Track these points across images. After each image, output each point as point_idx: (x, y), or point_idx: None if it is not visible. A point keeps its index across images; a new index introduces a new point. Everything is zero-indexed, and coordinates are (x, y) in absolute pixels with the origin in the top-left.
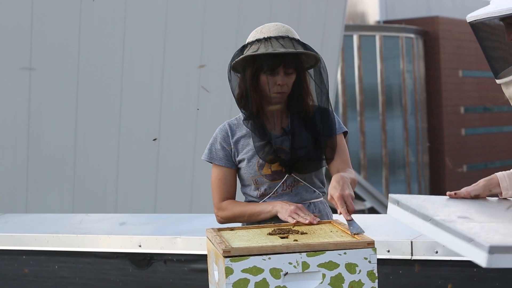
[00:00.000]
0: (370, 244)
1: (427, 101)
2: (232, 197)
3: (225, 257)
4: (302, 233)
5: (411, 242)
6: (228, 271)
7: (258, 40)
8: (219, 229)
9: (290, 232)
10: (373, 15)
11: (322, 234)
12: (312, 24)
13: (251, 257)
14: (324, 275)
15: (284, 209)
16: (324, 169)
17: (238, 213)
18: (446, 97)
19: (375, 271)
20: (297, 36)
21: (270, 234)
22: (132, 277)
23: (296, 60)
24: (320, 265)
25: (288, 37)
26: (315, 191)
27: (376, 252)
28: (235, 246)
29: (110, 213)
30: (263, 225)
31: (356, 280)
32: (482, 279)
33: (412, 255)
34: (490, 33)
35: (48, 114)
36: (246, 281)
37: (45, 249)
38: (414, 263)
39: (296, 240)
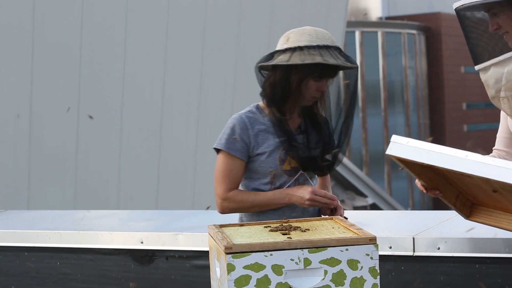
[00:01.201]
0: (372, 240)
1: (429, 97)
2: (237, 187)
3: (227, 253)
4: (304, 230)
5: (413, 238)
6: (230, 268)
7: (319, 47)
8: (221, 226)
9: (292, 228)
10: (375, 11)
11: (324, 231)
12: (314, 19)
13: (253, 254)
14: (326, 272)
15: (300, 199)
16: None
17: (250, 202)
18: (448, 93)
19: (377, 267)
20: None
21: (271, 230)
22: (134, 274)
23: (337, 69)
24: (322, 262)
25: (339, 48)
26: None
27: (378, 248)
28: (237, 243)
29: (111, 209)
30: (265, 221)
31: (358, 277)
32: (484, 275)
33: (414, 251)
34: (474, 22)
35: (50, 111)
36: (248, 277)
37: (47, 245)
38: (416, 260)
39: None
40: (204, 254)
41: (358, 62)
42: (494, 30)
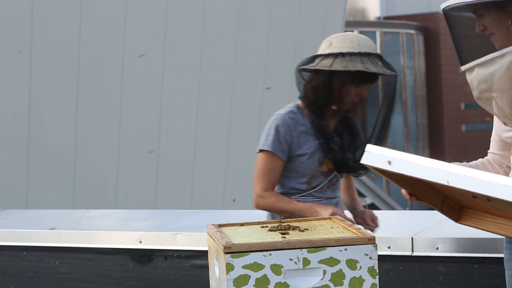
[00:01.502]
0: (371, 240)
1: (427, 97)
2: (274, 187)
3: (226, 253)
4: (303, 230)
5: (412, 238)
6: (229, 267)
7: (360, 54)
8: (220, 225)
9: (291, 228)
10: (374, 11)
11: (322, 230)
12: (313, 20)
13: (252, 253)
14: (325, 271)
15: (324, 210)
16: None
17: (280, 207)
18: (446, 93)
19: (376, 267)
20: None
21: (270, 230)
22: (133, 273)
23: (377, 77)
24: (320, 261)
25: (379, 55)
26: (339, 189)
27: (377, 248)
28: (236, 242)
29: (110, 209)
30: (263, 221)
31: (357, 276)
32: (482, 275)
33: (412, 251)
34: (461, 23)
35: (49, 111)
36: (247, 277)
37: (45, 245)
38: (414, 260)
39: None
40: (203, 254)
41: None
42: (480, 31)
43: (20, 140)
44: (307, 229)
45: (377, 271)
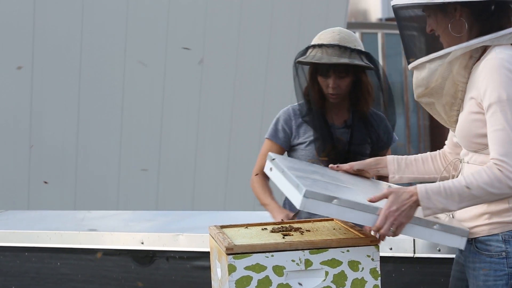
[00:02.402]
0: (373, 242)
1: None
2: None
3: (228, 254)
4: (305, 231)
5: (414, 240)
6: (231, 268)
7: (313, 46)
8: (222, 226)
9: (293, 229)
10: (375, 13)
11: (325, 232)
12: (314, 21)
13: (254, 255)
14: (327, 273)
15: (277, 213)
16: None
17: (257, 195)
18: None
19: (378, 268)
20: (352, 44)
21: (273, 231)
22: (135, 274)
23: (348, 66)
24: (323, 263)
25: (338, 45)
26: None
27: (379, 249)
28: (238, 244)
29: (111, 210)
30: (266, 222)
31: (359, 278)
32: None
33: (414, 252)
34: (411, 21)
35: (51, 112)
36: (249, 278)
37: (47, 246)
38: (416, 261)
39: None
40: (205, 255)
41: None
42: (429, 31)
43: (22, 141)
44: (309, 231)
45: (379, 272)
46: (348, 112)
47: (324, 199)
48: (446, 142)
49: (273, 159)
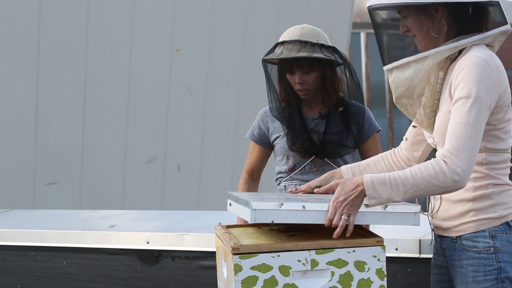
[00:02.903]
0: (379, 242)
1: None
2: (255, 170)
3: (234, 254)
4: (311, 231)
5: (419, 240)
6: (237, 268)
7: (276, 44)
8: (228, 226)
9: (299, 229)
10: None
11: (331, 232)
12: (320, 22)
13: (260, 255)
14: (333, 273)
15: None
16: (352, 155)
17: None
18: None
19: (384, 269)
20: (314, 38)
21: (279, 231)
22: (140, 274)
23: (310, 61)
24: (329, 263)
25: (298, 41)
26: None
27: (385, 250)
28: (244, 243)
29: (117, 209)
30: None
31: (365, 278)
32: None
33: (420, 253)
34: (386, 23)
35: (56, 112)
36: (255, 278)
37: (53, 245)
38: (422, 262)
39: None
40: (211, 255)
41: (363, 63)
42: (403, 32)
43: (27, 140)
44: (316, 231)
45: (385, 272)
46: (324, 104)
47: (272, 207)
48: (405, 138)
49: (229, 196)
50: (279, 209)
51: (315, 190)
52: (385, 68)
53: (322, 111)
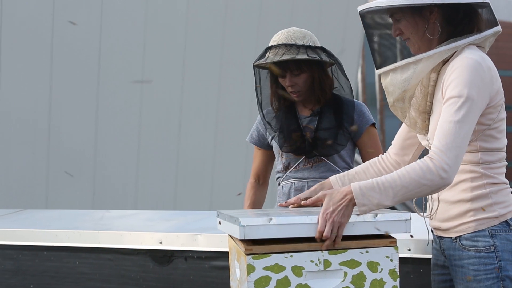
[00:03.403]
0: (392, 243)
1: None
2: (261, 173)
3: (247, 254)
4: None
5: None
6: (250, 269)
7: (266, 49)
8: None
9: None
10: None
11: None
12: (333, 23)
13: (273, 255)
14: (345, 274)
15: None
16: (350, 151)
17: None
18: None
19: (397, 269)
20: (299, 41)
21: None
22: (153, 274)
23: (298, 63)
24: (342, 263)
25: (284, 44)
26: (339, 171)
27: (397, 250)
28: (257, 244)
29: (129, 209)
30: None
31: (378, 279)
32: None
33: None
34: (378, 26)
35: (69, 111)
36: (268, 278)
37: (65, 245)
38: None
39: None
40: (223, 255)
41: (359, 65)
42: (396, 35)
43: (40, 140)
44: None
45: (398, 273)
46: (317, 103)
47: (261, 222)
48: (393, 143)
49: (219, 214)
50: (268, 224)
51: (302, 202)
52: (381, 71)
53: (315, 109)
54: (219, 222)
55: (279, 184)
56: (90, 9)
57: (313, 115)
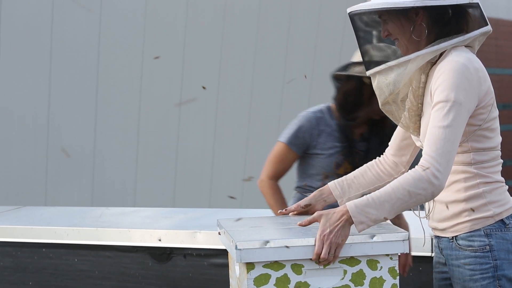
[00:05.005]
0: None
1: None
2: (282, 175)
3: None
4: None
5: (432, 239)
6: (250, 267)
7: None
8: None
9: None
10: None
11: None
12: (333, 14)
13: None
14: (345, 271)
15: None
16: None
17: (268, 202)
18: None
19: (397, 267)
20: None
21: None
22: (152, 271)
23: None
24: (341, 261)
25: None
26: None
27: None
28: None
29: (129, 206)
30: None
31: (378, 277)
32: None
33: (432, 252)
34: (367, 28)
35: (68, 109)
36: (268, 276)
37: (65, 242)
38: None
39: None
40: (223, 253)
41: None
42: (385, 36)
43: (40, 138)
44: None
45: (398, 271)
46: (366, 124)
47: (258, 246)
48: (390, 144)
49: (219, 224)
50: (264, 247)
51: (298, 223)
52: (368, 73)
53: (364, 133)
54: (219, 233)
55: (299, 193)
56: (89, 7)
57: (363, 140)
